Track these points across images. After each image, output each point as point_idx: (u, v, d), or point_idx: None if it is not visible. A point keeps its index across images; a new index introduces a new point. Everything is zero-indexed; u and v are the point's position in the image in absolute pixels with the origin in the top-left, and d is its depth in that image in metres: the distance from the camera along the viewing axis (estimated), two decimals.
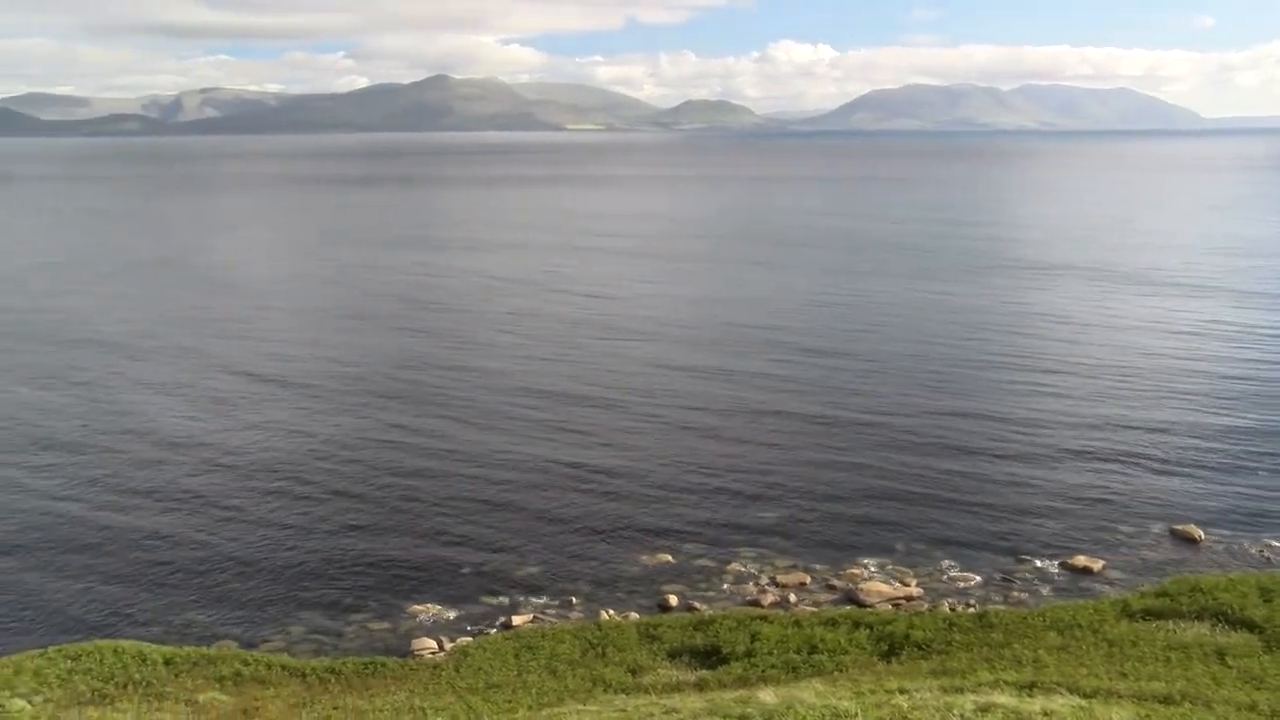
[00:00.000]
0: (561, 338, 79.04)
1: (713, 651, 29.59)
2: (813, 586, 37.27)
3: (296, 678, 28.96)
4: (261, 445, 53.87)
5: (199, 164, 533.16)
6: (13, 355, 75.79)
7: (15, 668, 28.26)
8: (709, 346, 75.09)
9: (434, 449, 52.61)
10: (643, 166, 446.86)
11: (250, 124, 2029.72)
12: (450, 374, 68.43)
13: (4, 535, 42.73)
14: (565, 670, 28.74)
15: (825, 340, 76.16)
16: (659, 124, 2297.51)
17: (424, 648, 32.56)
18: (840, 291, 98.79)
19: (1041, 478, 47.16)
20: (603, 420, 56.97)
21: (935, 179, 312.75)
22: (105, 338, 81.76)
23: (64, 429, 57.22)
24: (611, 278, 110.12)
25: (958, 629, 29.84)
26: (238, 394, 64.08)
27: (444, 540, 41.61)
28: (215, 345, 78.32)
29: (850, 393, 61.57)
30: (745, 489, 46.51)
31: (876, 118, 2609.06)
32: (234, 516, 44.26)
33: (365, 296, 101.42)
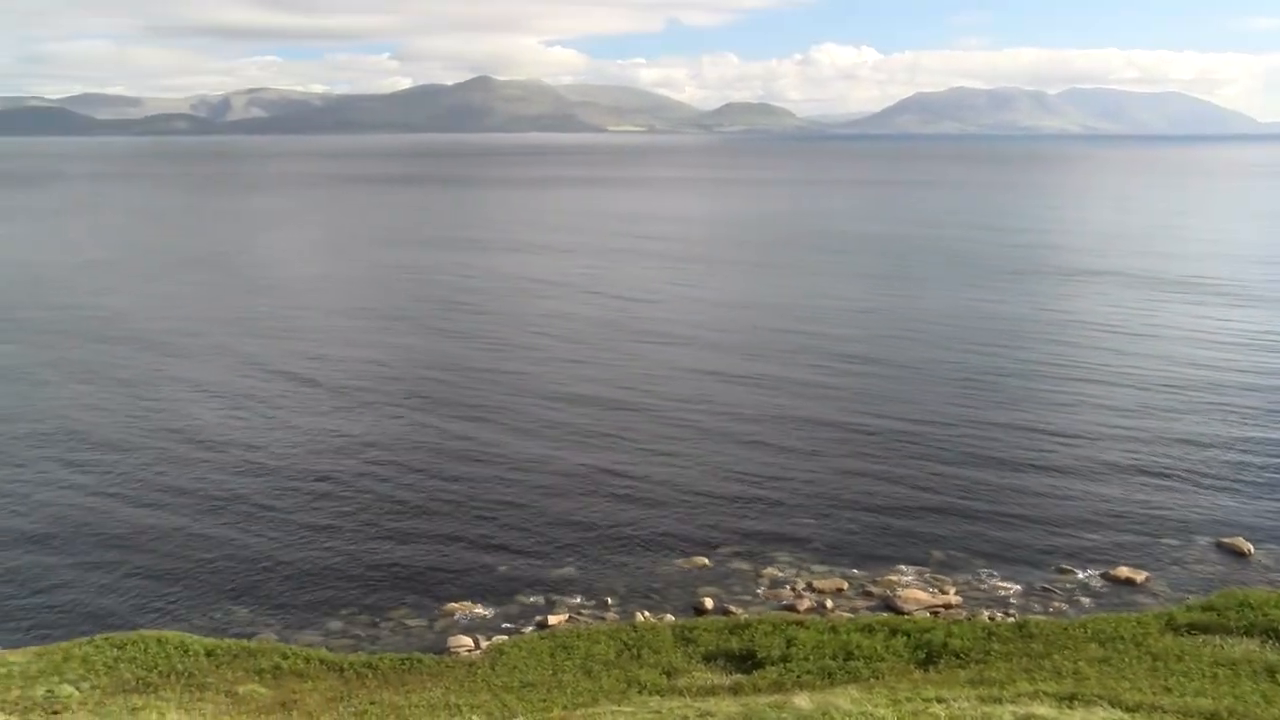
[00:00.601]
0: (599, 341, 79.17)
1: (748, 656, 29.48)
2: (849, 592, 37.01)
3: (334, 672, 29.27)
4: (301, 445, 54.52)
5: (245, 163, 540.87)
6: (60, 351, 77.36)
7: (64, 655, 28.84)
8: (747, 352, 74.81)
9: (471, 450, 52.90)
10: (683, 168, 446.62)
11: (296, 124, 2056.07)
12: (487, 376, 68.81)
13: (53, 528, 43.63)
14: (600, 671, 28.77)
15: (864, 347, 75.54)
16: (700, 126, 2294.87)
17: (460, 645, 32.75)
18: (880, 297, 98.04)
19: (1083, 488, 46.44)
20: (639, 424, 56.97)
21: (978, 183, 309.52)
22: (150, 335, 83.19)
23: (108, 426, 58.30)
24: (649, 281, 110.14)
25: (997, 638, 29.43)
26: (277, 393, 64.91)
27: (481, 540, 41.84)
28: (256, 344, 79.41)
29: (889, 400, 61.02)
30: (782, 494, 46.29)
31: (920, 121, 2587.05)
32: (274, 513, 44.83)
33: (404, 297, 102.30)
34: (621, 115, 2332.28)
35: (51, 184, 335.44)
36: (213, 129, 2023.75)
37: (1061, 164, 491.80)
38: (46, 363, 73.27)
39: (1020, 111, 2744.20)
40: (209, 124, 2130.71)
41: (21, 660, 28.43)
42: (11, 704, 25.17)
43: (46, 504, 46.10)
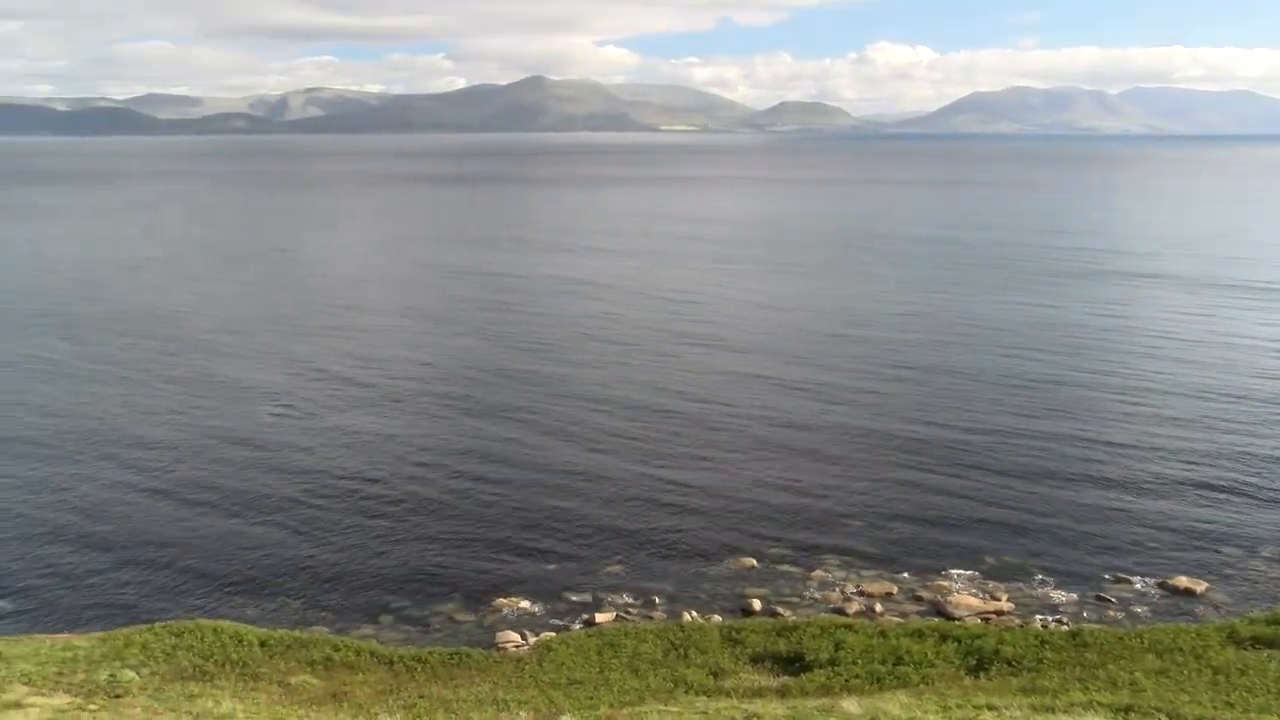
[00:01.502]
0: (647, 343, 79.14)
1: (796, 658, 29.32)
2: (899, 597, 36.66)
3: (384, 665, 29.65)
4: (351, 443, 55.29)
5: (301, 162, 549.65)
6: (117, 348, 79.33)
7: (125, 641, 29.55)
8: (797, 355, 74.30)
9: (519, 451, 53.20)
10: (735, 168, 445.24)
11: (352, 123, 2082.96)
12: (535, 377, 69.18)
13: (113, 521, 44.75)
14: (647, 670, 28.79)
15: (917, 351, 74.51)
16: (753, 125, 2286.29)
17: (508, 641, 33.00)
18: (932, 300, 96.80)
19: (1140, 497, 45.44)
20: (686, 427, 56.89)
21: (1034, 183, 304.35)
22: (204, 332, 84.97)
23: (162, 422, 59.64)
24: (698, 282, 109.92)
25: (1050, 646, 28.90)
26: (326, 392, 65.89)
27: (529, 538, 42.10)
28: (307, 342, 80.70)
29: (940, 406, 60.09)
30: (831, 497, 45.99)
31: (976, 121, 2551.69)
32: (326, 510, 45.53)
33: (454, 297, 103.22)
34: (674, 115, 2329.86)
35: (115, 182, 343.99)
36: (271, 128, 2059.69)
37: (1122, 164, 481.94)
38: (103, 358, 75.17)
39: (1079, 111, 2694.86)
40: (267, 123, 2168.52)
41: (86, 645, 29.20)
42: (77, 686, 25.87)
43: (105, 498, 47.29)
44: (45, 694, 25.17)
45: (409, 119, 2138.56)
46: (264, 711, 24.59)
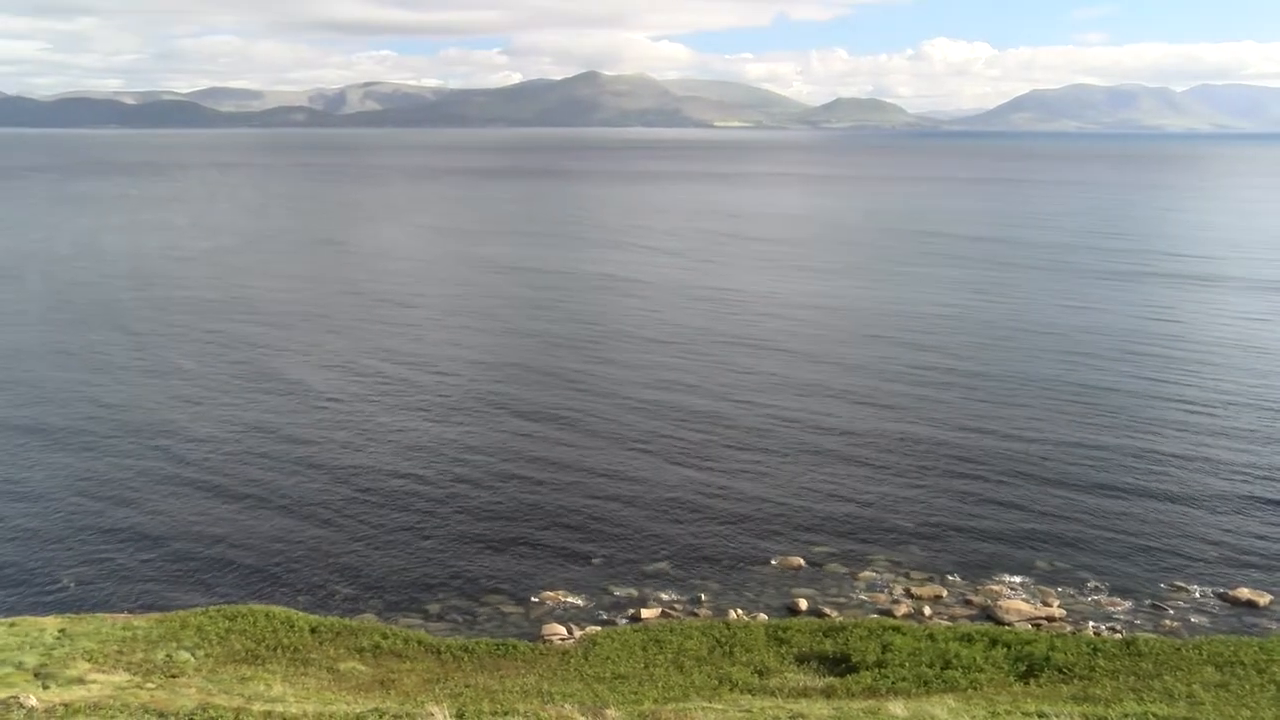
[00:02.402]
0: (698, 342, 79.05)
1: (842, 659, 29.09)
2: (949, 600, 36.23)
3: (432, 654, 29.95)
4: (402, 437, 55.98)
5: (359, 155, 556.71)
6: (172, 338, 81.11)
7: (181, 623, 30.21)
8: (848, 357, 73.79)
9: (567, 447, 53.48)
10: (789, 165, 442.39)
11: (409, 117, 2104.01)
12: (584, 374, 69.48)
13: (169, 507, 45.80)
14: (692, 666, 28.76)
15: (970, 355, 73.35)
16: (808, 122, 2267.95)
17: (554, 633, 33.17)
18: (986, 302, 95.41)
19: (1200, 509, 44.34)
20: (734, 426, 56.74)
21: (1095, 182, 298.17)
22: (258, 325, 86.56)
23: (217, 413, 60.88)
24: (748, 282, 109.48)
25: (1102, 654, 28.33)
26: (376, 387, 66.72)
27: (576, 532, 42.29)
28: (358, 336, 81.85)
29: (994, 411, 59.10)
30: (881, 500, 45.55)
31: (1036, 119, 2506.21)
32: (377, 501, 46.14)
33: (502, 293, 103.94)
34: (728, 110, 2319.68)
35: (178, 174, 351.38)
36: (329, 121, 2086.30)
37: (1187, 163, 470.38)
38: (158, 350, 76.92)
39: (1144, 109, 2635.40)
40: (326, 116, 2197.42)
41: (144, 625, 29.90)
42: (136, 665, 26.51)
43: (161, 485, 48.41)
44: (106, 671, 25.82)
45: (464, 113, 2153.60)
46: (313, 696, 24.96)
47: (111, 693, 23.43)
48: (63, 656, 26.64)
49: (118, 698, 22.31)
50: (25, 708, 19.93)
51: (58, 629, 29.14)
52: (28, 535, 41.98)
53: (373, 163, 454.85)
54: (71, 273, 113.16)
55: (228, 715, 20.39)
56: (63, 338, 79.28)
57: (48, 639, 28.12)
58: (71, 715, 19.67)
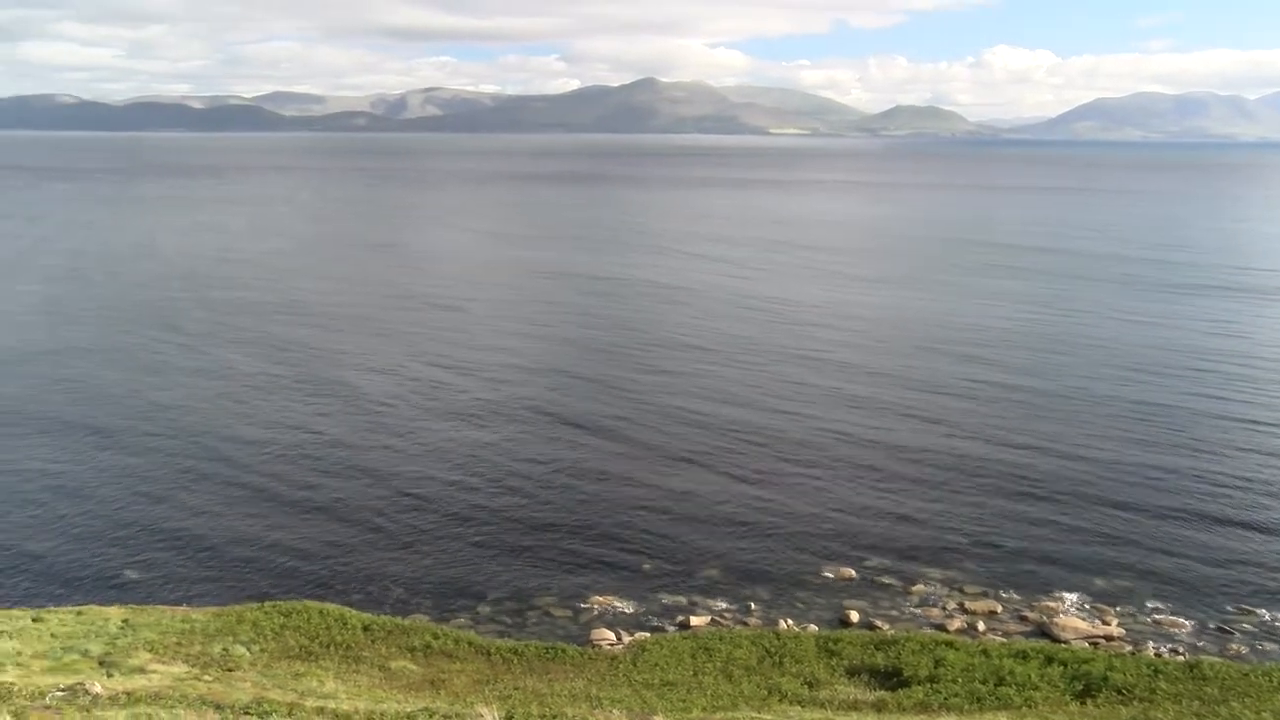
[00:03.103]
0: (751, 350, 78.67)
1: (894, 673, 28.74)
2: (1003, 616, 35.62)
3: (482, 655, 30.16)
4: (451, 440, 56.52)
5: (419, 159, 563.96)
6: (225, 342, 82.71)
7: (238, 617, 30.79)
8: (901, 371, 72.85)
9: (618, 454, 53.50)
10: (846, 172, 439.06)
11: (468, 122, 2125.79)
12: (636, 379, 69.58)
13: (228, 504, 46.71)
14: (741, 675, 28.61)
15: (1028, 369, 71.99)
16: (865, 129, 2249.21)
17: (602, 638, 33.20)
18: (1045, 314, 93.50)
19: (1268, 533, 42.99)
20: (787, 436, 56.39)
21: (1160, 192, 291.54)
22: (314, 328, 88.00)
23: (274, 414, 61.98)
24: (802, 292, 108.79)
25: (1164, 677, 27.57)
26: (429, 390, 67.46)
27: (626, 538, 42.30)
28: (412, 340, 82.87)
29: (1054, 425, 57.98)
30: (935, 513, 44.92)
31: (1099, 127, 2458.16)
32: (428, 502, 46.60)
33: (556, 299, 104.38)
34: (785, 117, 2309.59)
35: (242, 176, 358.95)
36: (390, 126, 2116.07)
37: (1258, 173, 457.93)
38: (216, 350, 78.52)
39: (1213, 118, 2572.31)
40: (386, 121, 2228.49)
41: (202, 619, 30.53)
42: (194, 657, 27.08)
43: (221, 481, 49.41)
44: (165, 662, 26.40)
45: (523, 119, 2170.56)
46: (365, 694, 25.27)
47: (171, 683, 23.94)
48: (125, 646, 27.29)
49: (176, 688, 22.79)
50: (91, 694, 20.47)
51: (121, 619, 29.89)
52: (93, 528, 43.09)
53: (431, 167, 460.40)
54: (132, 273, 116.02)
55: (281, 710, 20.71)
56: (123, 337, 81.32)
57: (112, 629, 28.85)
58: (134, 704, 20.13)
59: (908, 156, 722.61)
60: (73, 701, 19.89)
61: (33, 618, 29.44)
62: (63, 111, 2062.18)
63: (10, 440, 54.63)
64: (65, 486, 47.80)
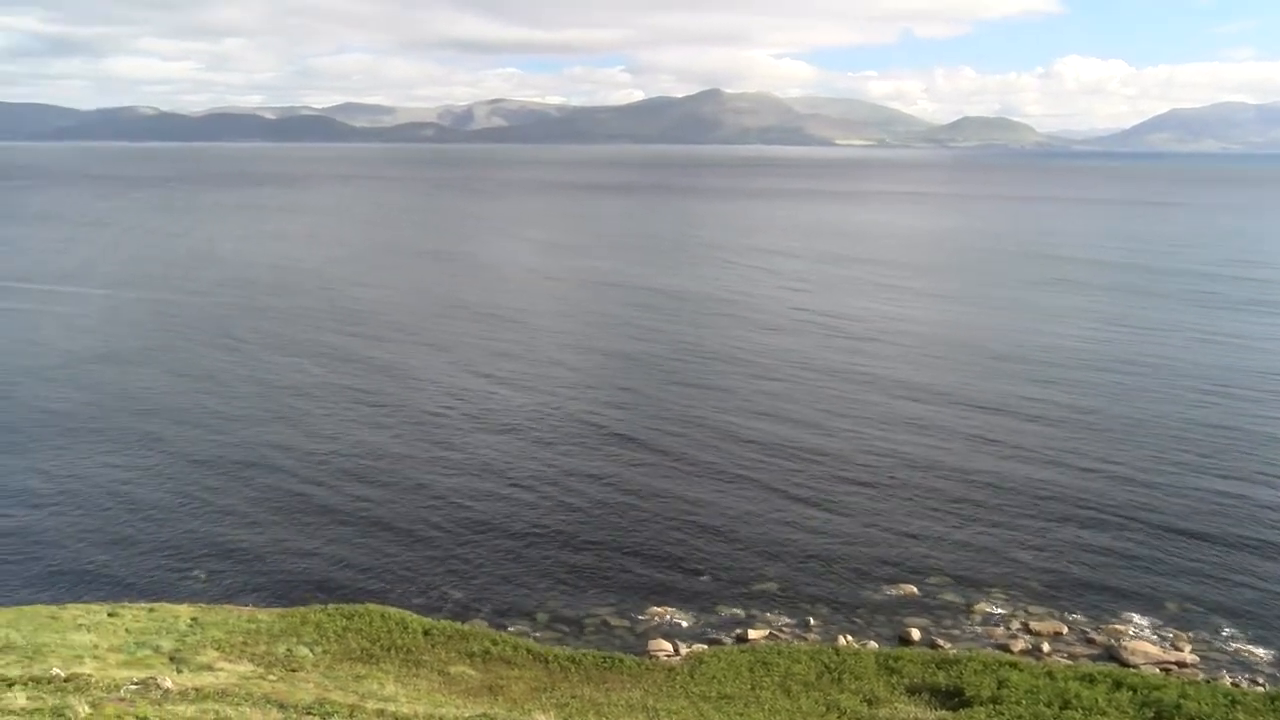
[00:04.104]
0: (811, 368, 77.93)
1: (955, 693, 28.24)
2: (1069, 637, 34.81)
3: (539, 662, 30.31)
4: (510, 448, 57.00)
5: (485, 169, 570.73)
6: (298, 341, 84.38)
7: (302, 619, 31.37)
8: (966, 388, 71.64)
9: (678, 466, 53.48)
10: (912, 183, 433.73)
11: (534, 133, 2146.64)
12: (695, 393, 69.50)
13: (293, 506, 47.65)
14: (799, 691, 28.35)
15: (1098, 389, 70.12)
16: (932, 140, 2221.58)
17: (660, 649, 33.15)
18: (1119, 334, 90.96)
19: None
20: (850, 449, 55.88)
21: (1237, 206, 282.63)
22: (379, 334, 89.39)
23: (338, 420, 63.04)
24: (864, 305, 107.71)
25: (1243, 708, 26.56)
26: (490, 397, 68.17)
27: (684, 550, 42.21)
28: (473, 346, 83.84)
29: (1123, 444, 56.45)
30: (1000, 529, 44.11)
31: (1175, 139, 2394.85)
32: (489, 509, 47.05)
33: (616, 310, 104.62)
34: (850, 128, 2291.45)
35: (313, 185, 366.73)
36: (457, 137, 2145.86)
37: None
38: (283, 354, 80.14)
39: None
40: (453, 132, 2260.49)
41: (268, 619, 31.16)
42: (259, 656, 27.66)
43: (286, 486, 50.45)
44: (232, 660, 27.00)
45: (587, 130, 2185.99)
46: (424, 697, 25.55)
47: (237, 681, 24.46)
48: (194, 644, 27.96)
49: (242, 686, 23.27)
50: (162, 689, 21.03)
51: (190, 617, 30.64)
52: (164, 529, 44.26)
53: (495, 177, 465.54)
54: (198, 280, 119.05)
55: (343, 711, 21.03)
56: (187, 343, 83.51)
57: (181, 626, 29.58)
58: (202, 700, 20.62)
59: (975, 168, 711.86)
60: (145, 695, 20.44)
61: (109, 613, 30.33)
62: (143, 123, 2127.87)
63: (86, 443, 56.42)
64: (137, 488, 49.21)
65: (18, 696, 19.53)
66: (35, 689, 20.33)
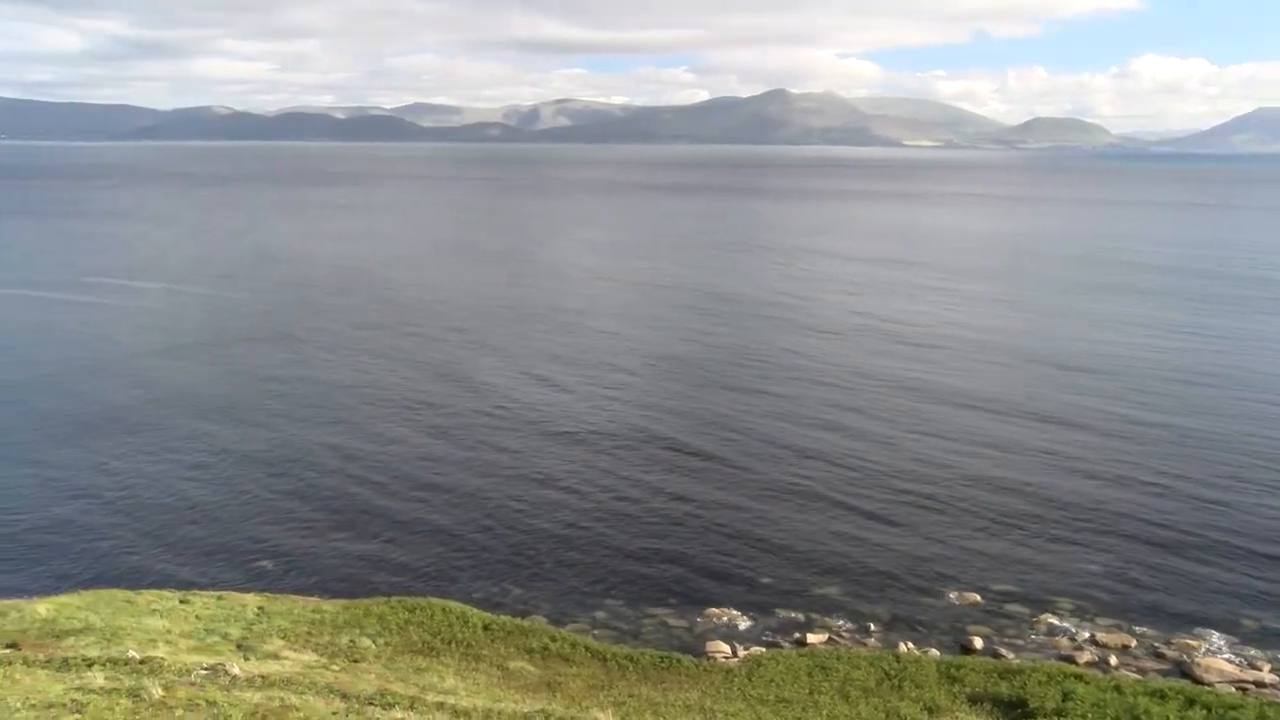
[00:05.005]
0: (868, 372, 77.15)
1: (1019, 703, 27.70)
2: (1138, 651, 33.94)
3: (597, 660, 30.43)
4: (569, 449, 57.29)
5: (551, 169, 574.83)
6: (364, 339, 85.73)
7: (365, 610, 31.93)
8: (1036, 396, 70.28)
9: (738, 469, 53.26)
10: (980, 185, 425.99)
11: (599, 133, 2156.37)
12: (755, 397, 69.20)
13: (358, 499, 48.46)
14: (859, 697, 28.08)
15: (1174, 402, 68.19)
16: (1002, 142, 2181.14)
17: (718, 650, 33.07)
18: (1196, 344, 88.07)
19: None
20: (910, 459, 55.12)
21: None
22: (441, 331, 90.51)
23: (400, 415, 63.95)
24: (926, 308, 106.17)
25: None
26: (551, 396, 68.58)
27: (743, 552, 42.06)
28: (531, 345, 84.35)
29: (1200, 465, 54.29)
30: (1066, 541, 43.16)
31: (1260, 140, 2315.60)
32: (550, 507, 47.38)
33: (676, 308, 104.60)
34: (918, 129, 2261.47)
35: (382, 184, 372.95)
36: (523, 137, 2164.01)
37: None
38: (349, 351, 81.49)
39: None
40: (519, 132, 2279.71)
41: (332, 610, 31.77)
42: (323, 646, 28.22)
43: (353, 480, 51.35)
44: (297, 649, 27.56)
45: (652, 130, 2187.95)
46: (483, 692, 25.81)
47: (301, 670, 24.96)
48: (261, 632, 28.61)
49: (306, 675, 23.75)
50: (230, 675, 21.56)
51: (257, 606, 31.37)
52: (232, 519, 45.39)
53: (561, 177, 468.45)
54: (277, 274, 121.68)
55: (404, 703, 21.34)
56: (249, 342, 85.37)
57: (249, 614, 30.29)
58: (268, 687, 21.09)
59: (1046, 169, 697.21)
60: (214, 681, 20.98)
61: (180, 599, 31.19)
62: (219, 122, 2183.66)
63: (153, 437, 58.09)
64: (204, 480, 50.54)
65: (97, 676, 20.21)
66: (113, 670, 21.02)
